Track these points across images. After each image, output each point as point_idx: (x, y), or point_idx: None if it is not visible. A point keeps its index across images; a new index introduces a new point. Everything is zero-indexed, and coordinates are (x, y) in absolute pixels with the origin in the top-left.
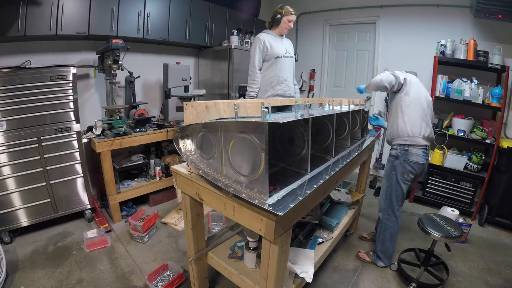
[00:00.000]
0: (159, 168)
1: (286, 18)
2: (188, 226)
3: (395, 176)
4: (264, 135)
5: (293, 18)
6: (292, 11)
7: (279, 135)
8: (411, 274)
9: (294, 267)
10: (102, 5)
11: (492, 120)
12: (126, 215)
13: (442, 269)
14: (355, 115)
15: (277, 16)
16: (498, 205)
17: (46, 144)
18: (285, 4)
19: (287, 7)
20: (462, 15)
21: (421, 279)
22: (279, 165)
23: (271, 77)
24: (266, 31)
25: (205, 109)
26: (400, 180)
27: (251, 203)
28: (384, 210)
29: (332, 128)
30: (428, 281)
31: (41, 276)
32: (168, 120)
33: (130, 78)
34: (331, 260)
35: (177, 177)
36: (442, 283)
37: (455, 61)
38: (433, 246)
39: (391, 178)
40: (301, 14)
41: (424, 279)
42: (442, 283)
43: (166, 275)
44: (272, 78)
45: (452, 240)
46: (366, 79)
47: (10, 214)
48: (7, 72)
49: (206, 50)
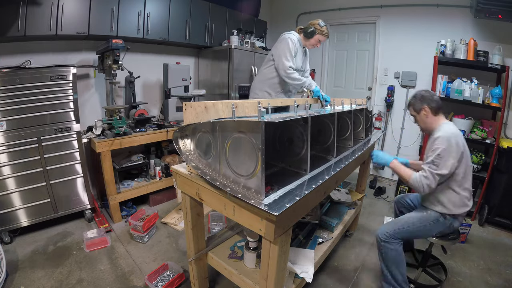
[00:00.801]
0: (159, 168)
1: (318, 37)
2: (188, 226)
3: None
4: (261, 135)
5: (324, 40)
6: (327, 34)
7: (279, 135)
8: (409, 275)
9: (294, 267)
10: (102, 5)
11: (492, 120)
12: (126, 215)
13: (441, 270)
14: (358, 115)
15: (311, 29)
16: (498, 205)
17: (46, 144)
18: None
19: (326, 27)
20: (462, 15)
21: (419, 280)
22: (278, 165)
23: (277, 83)
24: (296, 35)
25: (204, 109)
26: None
27: (247, 203)
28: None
29: (333, 128)
30: (426, 282)
31: (41, 276)
32: (168, 120)
33: (130, 78)
34: (331, 260)
35: (177, 177)
36: (440, 283)
37: (455, 61)
38: (431, 247)
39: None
40: (301, 14)
41: (422, 280)
42: (440, 283)
43: (166, 275)
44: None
45: (449, 243)
46: (366, 79)
47: (10, 214)
48: (7, 72)
49: (206, 50)
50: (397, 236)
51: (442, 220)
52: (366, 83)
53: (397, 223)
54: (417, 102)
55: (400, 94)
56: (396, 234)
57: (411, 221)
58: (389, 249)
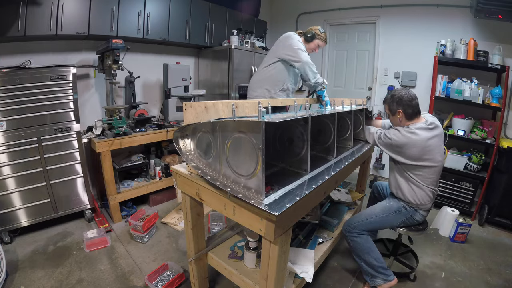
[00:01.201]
0: (159, 168)
1: (318, 42)
2: (188, 226)
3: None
4: (261, 135)
5: (323, 45)
6: (326, 40)
7: (279, 135)
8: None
9: (294, 267)
10: (102, 5)
11: (492, 120)
12: (126, 215)
13: (411, 257)
14: (358, 115)
15: (311, 34)
16: (498, 205)
17: (46, 144)
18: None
19: (325, 34)
20: (462, 15)
21: (392, 268)
22: (278, 165)
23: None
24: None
25: (204, 109)
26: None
27: (247, 203)
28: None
29: (334, 128)
30: (399, 269)
31: (41, 276)
32: (168, 120)
33: (130, 78)
34: (331, 260)
35: (177, 177)
36: (413, 270)
37: (455, 61)
38: (400, 237)
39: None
40: (301, 14)
41: (395, 268)
42: (413, 270)
43: (166, 275)
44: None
45: (415, 234)
46: (366, 79)
47: (10, 214)
48: (7, 72)
49: (206, 50)
50: (361, 227)
51: (404, 211)
52: (366, 83)
53: (361, 215)
54: (394, 104)
55: None
56: (360, 226)
57: (373, 213)
58: (353, 238)
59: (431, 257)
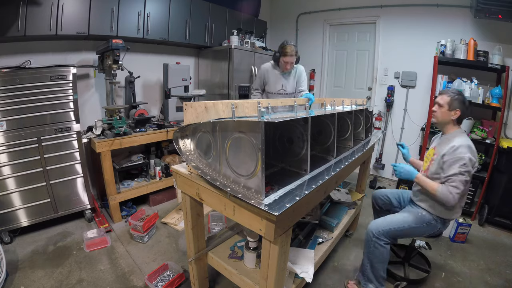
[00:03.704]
0: (159, 168)
1: (282, 59)
2: (188, 226)
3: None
4: (260, 135)
5: (290, 59)
6: (288, 51)
7: (279, 135)
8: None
9: (294, 267)
10: (102, 5)
11: (492, 120)
12: (126, 215)
13: (422, 260)
14: (358, 115)
15: (276, 54)
16: (498, 205)
17: (46, 144)
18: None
19: (284, 47)
20: (462, 15)
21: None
22: (278, 165)
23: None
24: (271, 62)
25: (205, 109)
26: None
27: (247, 203)
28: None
29: (334, 129)
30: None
31: (41, 276)
32: (168, 120)
33: (130, 78)
34: (331, 260)
35: (177, 177)
36: (428, 273)
37: (455, 61)
38: (414, 242)
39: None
40: (301, 14)
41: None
42: (428, 273)
43: (166, 275)
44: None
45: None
46: (366, 79)
47: (10, 214)
48: (7, 72)
49: (206, 50)
50: (390, 235)
51: (434, 223)
52: (366, 83)
53: (392, 222)
54: (457, 101)
55: (400, 94)
56: (390, 232)
57: (406, 221)
58: (379, 245)
59: (431, 257)
